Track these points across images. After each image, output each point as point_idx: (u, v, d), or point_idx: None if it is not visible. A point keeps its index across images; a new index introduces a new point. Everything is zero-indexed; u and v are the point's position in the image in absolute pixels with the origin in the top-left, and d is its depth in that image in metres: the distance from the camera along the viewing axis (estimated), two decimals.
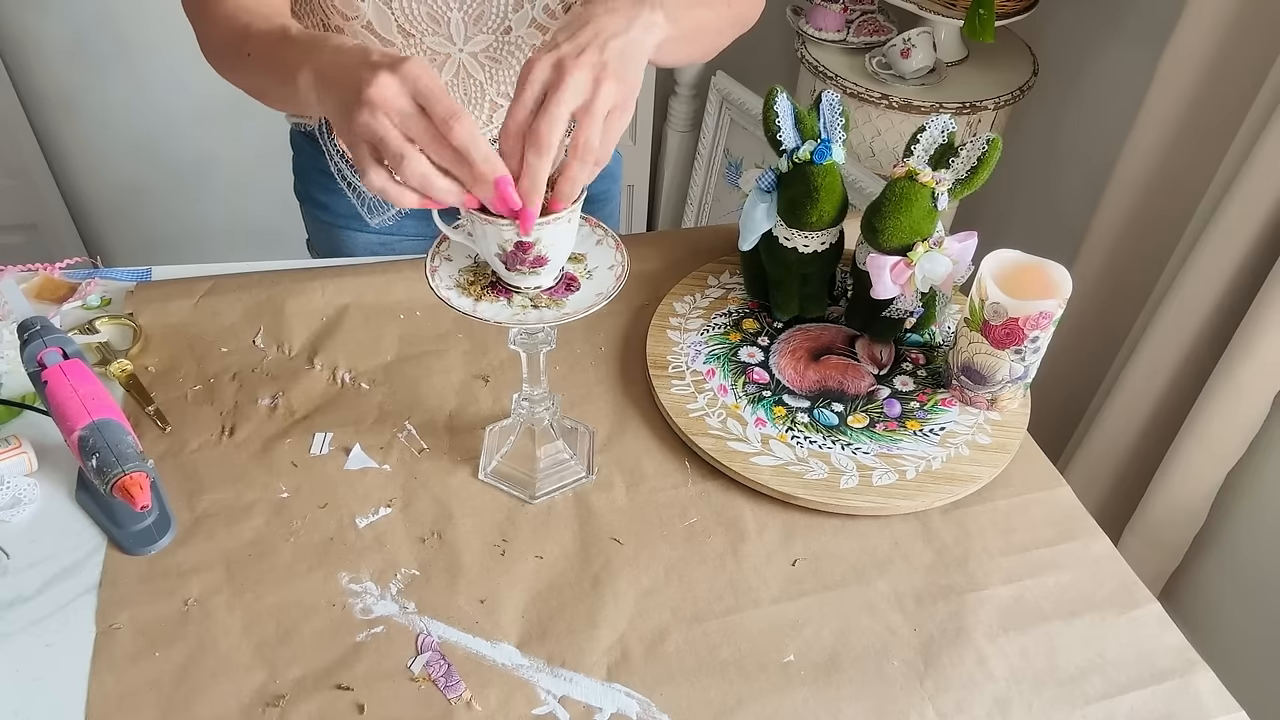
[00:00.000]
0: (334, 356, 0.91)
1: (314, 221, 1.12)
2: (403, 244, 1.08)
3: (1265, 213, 1.18)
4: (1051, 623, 0.74)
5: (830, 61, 1.68)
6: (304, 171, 1.08)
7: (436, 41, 0.86)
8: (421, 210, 1.03)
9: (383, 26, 0.84)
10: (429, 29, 0.85)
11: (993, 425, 0.86)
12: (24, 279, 0.96)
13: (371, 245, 1.07)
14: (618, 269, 0.70)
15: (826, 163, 0.83)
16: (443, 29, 0.85)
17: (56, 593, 0.72)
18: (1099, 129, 1.71)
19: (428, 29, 0.85)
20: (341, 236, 1.08)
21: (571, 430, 0.84)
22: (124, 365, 0.87)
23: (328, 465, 0.82)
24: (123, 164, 1.89)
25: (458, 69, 0.89)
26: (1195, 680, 0.71)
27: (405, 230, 1.07)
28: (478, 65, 0.88)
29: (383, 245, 1.08)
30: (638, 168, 2.18)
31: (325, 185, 1.04)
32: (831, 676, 0.70)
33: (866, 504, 0.79)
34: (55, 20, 1.68)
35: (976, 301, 0.81)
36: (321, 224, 1.10)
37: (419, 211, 1.02)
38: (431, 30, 0.85)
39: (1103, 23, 1.67)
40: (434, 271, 0.69)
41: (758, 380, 0.89)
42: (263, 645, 0.69)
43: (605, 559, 0.76)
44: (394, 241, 1.08)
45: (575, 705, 0.67)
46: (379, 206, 1.02)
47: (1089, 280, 1.56)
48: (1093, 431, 1.51)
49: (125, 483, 0.69)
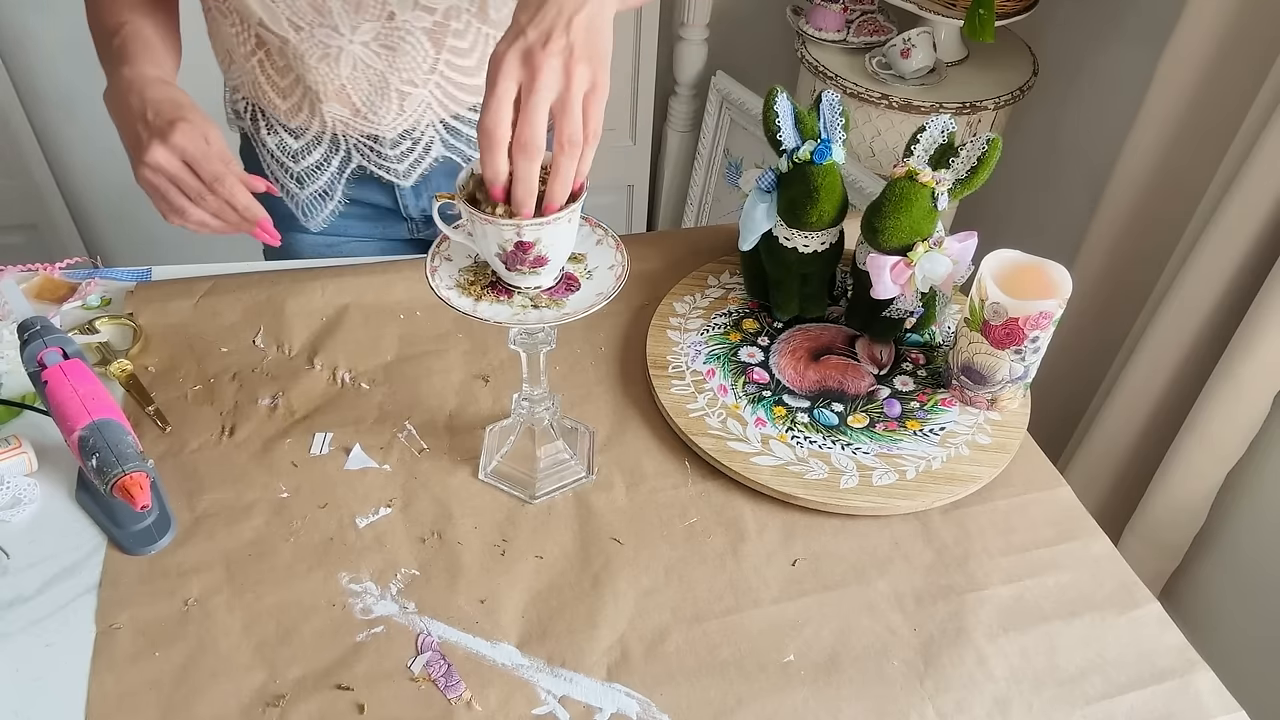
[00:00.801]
0: (334, 356, 0.91)
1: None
2: (349, 245, 1.08)
3: (1265, 213, 1.18)
4: (1051, 623, 0.74)
5: (830, 61, 1.68)
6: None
7: (325, 34, 0.86)
8: (365, 211, 1.05)
9: (274, 22, 0.85)
10: (315, 20, 0.85)
11: (993, 425, 0.86)
12: (24, 279, 0.96)
13: (318, 246, 1.07)
14: (618, 269, 0.70)
15: (826, 163, 0.83)
16: (328, 20, 0.85)
17: (56, 593, 0.72)
18: (1099, 129, 1.71)
19: (315, 20, 0.85)
20: (288, 239, 1.07)
21: (571, 430, 0.84)
22: (124, 365, 0.87)
23: (328, 465, 0.82)
24: (123, 164, 1.87)
25: (355, 62, 0.88)
26: (1195, 680, 0.71)
27: (351, 231, 1.07)
28: (374, 55, 0.88)
29: (329, 246, 1.07)
30: (638, 168, 2.18)
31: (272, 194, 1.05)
32: (831, 676, 0.70)
33: (866, 504, 0.79)
34: (55, 20, 1.68)
35: (976, 301, 0.81)
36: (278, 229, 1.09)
37: (362, 212, 1.05)
38: (318, 22, 0.85)
39: (1103, 23, 1.67)
40: (434, 271, 0.69)
41: (758, 380, 0.89)
42: (263, 645, 0.69)
43: (605, 559, 0.76)
44: (340, 243, 1.07)
45: (575, 705, 0.67)
46: (311, 209, 1.03)
47: (1089, 280, 1.56)
48: (1093, 431, 1.51)
49: (125, 483, 0.69)
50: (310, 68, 0.88)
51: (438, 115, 0.96)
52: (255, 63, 0.92)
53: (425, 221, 1.07)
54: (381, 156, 0.98)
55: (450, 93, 0.95)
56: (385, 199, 1.04)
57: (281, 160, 1.00)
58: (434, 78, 0.92)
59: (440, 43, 0.89)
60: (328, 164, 0.99)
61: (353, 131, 0.96)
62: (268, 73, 0.92)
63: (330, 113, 0.93)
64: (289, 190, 1.02)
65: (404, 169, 0.99)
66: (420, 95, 0.93)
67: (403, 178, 1.00)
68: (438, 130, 0.97)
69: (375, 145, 0.97)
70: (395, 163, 0.98)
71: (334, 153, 0.98)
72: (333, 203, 1.02)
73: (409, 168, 0.99)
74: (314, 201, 1.02)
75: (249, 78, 0.94)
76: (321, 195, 1.02)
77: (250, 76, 0.94)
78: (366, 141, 0.97)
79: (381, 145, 0.97)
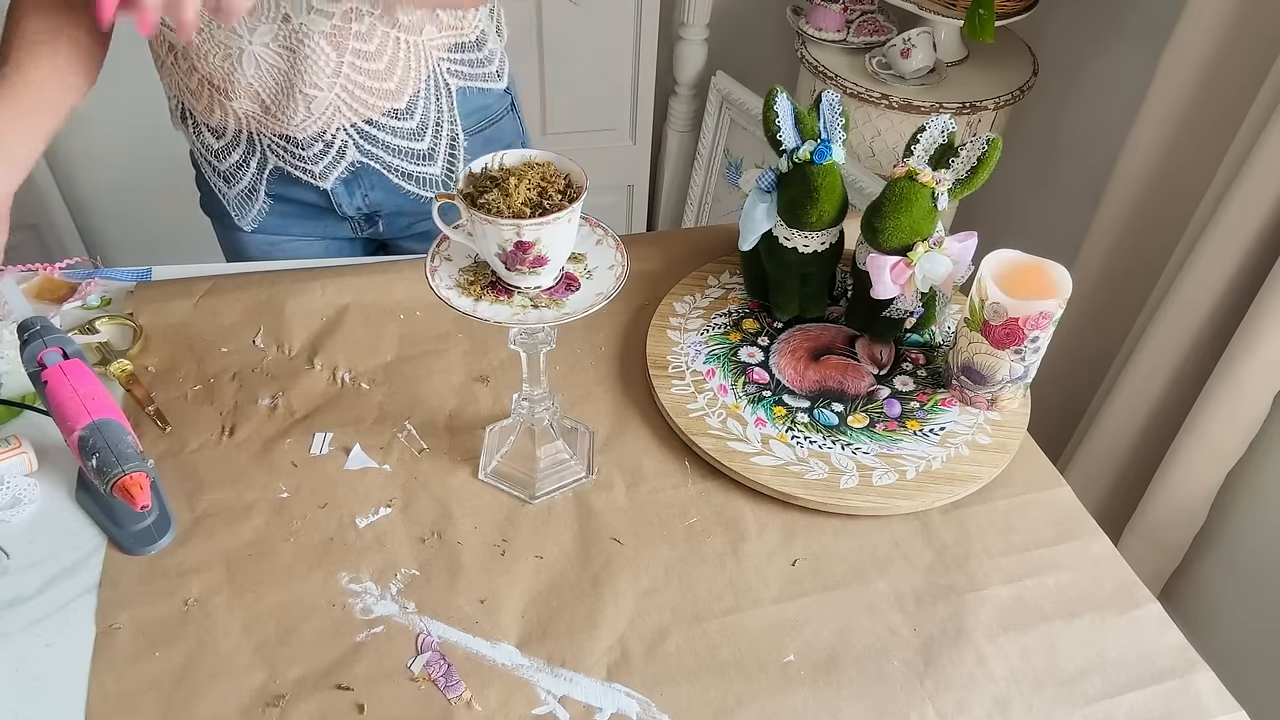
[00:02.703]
0: (334, 356, 0.91)
1: (220, 230, 1.12)
2: (290, 244, 1.08)
3: (1265, 213, 1.18)
4: (1051, 623, 0.74)
5: (830, 61, 1.68)
6: (202, 184, 1.09)
7: (225, 35, 0.86)
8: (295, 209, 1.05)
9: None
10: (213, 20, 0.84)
11: (993, 425, 0.86)
12: (24, 279, 0.96)
13: (260, 245, 1.08)
14: (618, 269, 0.70)
15: (826, 163, 0.83)
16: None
17: (56, 593, 0.72)
18: (1099, 129, 1.71)
19: (212, 20, 0.85)
20: (237, 240, 1.09)
21: (571, 430, 0.84)
22: (124, 365, 0.87)
23: (328, 465, 0.82)
24: (123, 164, 1.89)
25: (258, 62, 0.88)
26: (1195, 680, 0.71)
27: (290, 230, 1.07)
28: (276, 55, 0.88)
29: (270, 244, 1.08)
30: (638, 168, 2.18)
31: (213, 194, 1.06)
32: (831, 676, 0.70)
33: (866, 504, 0.79)
34: None
35: (976, 301, 0.81)
36: (224, 230, 1.10)
37: (294, 210, 1.04)
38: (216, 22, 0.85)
39: (1103, 22, 1.67)
40: (434, 271, 0.69)
41: (758, 380, 0.89)
42: (263, 645, 0.69)
43: (605, 559, 0.76)
44: (280, 241, 1.08)
45: (575, 705, 0.67)
46: (240, 208, 1.04)
47: (1089, 280, 1.56)
48: (1093, 431, 1.51)
49: (125, 483, 0.69)
50: (215, 67, 0.88)
51: (348, 119, 0.95)
52: (170, 62, 0.92)
53: (367, 220, 1.07)
54: (296, 157, 0.97)
55: (359, 96, 0.93)
56: (315, 197, 1.03)
57: (209, 159, 1.01)
58: (339, 81, 0.90)
59: (342, 46, 0.88)
60: (247, 164, 0.99)
61: (266, 130, 0.95)
62: (181, 73, 0.92)
63: (241, 109, 0.92)
64: (219, 189, 1.04)
65: (320, 170, 0.99)
66: (326, 98, 0.92)
67: (320, 179, 0.99)
68: (350, 134, 0.96)
69: (289, 146, 0.97)
70: (311, 164, 0.98)
71: (251, 154, 0.98)
72: (259, 202, 1.03)
73: (325, 169, 0.99)
74: (241, 200, 1.03)
75: (169, 78, 0.95)
76: (247, 194, 1.03)
77: (169, 77, 0.95)
78: (280, 142, 0.96)
79: (296, 146, 0.96)
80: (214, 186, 1.04)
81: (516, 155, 0.68)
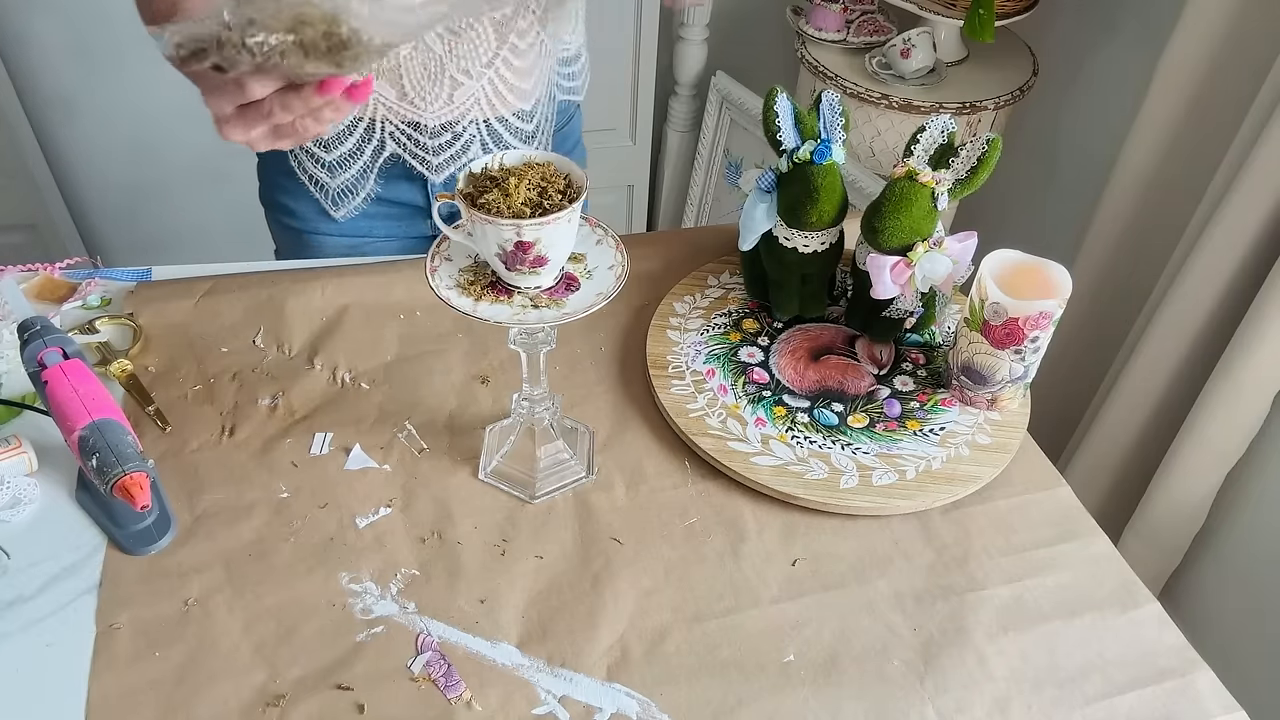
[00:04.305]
0: (334, 356, 0.91)
1: (280, 228, 1.08)
2: (373, 245, 1.05)
3: (1265, 213, 1.18)
4: (1051, 623, 0.74)
5: (830, 61, 1.68)
6: (267, 175, 1.05)
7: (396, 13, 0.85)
8: (391, 210, 1.03)
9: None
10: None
11: (993, 425, 0.86)
12: (24, 279, 0.96)
13: (340, 249, 1.04)
14: (618, 269, 0.70)
15: (826, 163, 0.83)
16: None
17: (56, 593, 0.72)
18: (1099, 129, 1.71)
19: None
20: (309, 241, 1.05)
21: (571, 430, 0.84)
22: (124, 365, 0.87)
23: (328, 465, 0.82)
24: (123, 164, 1.89)
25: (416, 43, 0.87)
26: (1195, 680, 0.71)
27: (375, 232, 1.04)
28: (436, 37, 0.87)
29: (352, 249, 1.04)
30: (638, 168, 2.18)
31: (288, 188, 1.01)
32: (831, 676, 0.70)
33: (866, 504, 0.79)
34: (55, 20, 1.68)
35: (976, 301, 0.81)
36: (288, 230, 1.06)
37: (389, 211, 1.02)
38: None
39: (1103, 23, 1.67)
40: (434, 271, 0.69)
41: (758, 380, 0.89)
42: (263, 645, 0.69)
43: (605, 559, 0.76)
44: (363, 244, 1.04)
45: (575, 705, 0.67)
46: (342, 199, 1.00)
47: (1089, 280, 1.56)
48: (1093, 431, 1.51)
49: (125, 483, 0.69)
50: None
51: (483, 113, 0.95)
52: None
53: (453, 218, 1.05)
54: (420, 146, 0.96)
55: (500, 91, 0.93)
56: (417, 196, 1.01)
57: (311, 149, 0.97)
58: (489, 72, 0.91)
59: (504, 37, 0.89)
60: (361, 151, 0.96)
61: (394, 116, 0.94)
62: None
63: (375, 93, 0.91)
64: (316, 179, 0.99)
65: (440, 162, 0.97)
66: (472, 88, 0.92)
67: (435, 171, 0.98)
68: (480, 129, 0.96)
69: (414, 133, 0.95)
70: (433, 155, 0.96)
71: (368, 141, 0.95)
72: (364, 191, 0.99)
73: (445, 161, 0.97)
74: (342, 193, 0.99)
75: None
76: (352, 185, 0.99)
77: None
78: (405, 128, 0.94)
79: (421, 134, 0.95)
80: (310, 176, 0.99)
81: (516, 155, 0.68)
